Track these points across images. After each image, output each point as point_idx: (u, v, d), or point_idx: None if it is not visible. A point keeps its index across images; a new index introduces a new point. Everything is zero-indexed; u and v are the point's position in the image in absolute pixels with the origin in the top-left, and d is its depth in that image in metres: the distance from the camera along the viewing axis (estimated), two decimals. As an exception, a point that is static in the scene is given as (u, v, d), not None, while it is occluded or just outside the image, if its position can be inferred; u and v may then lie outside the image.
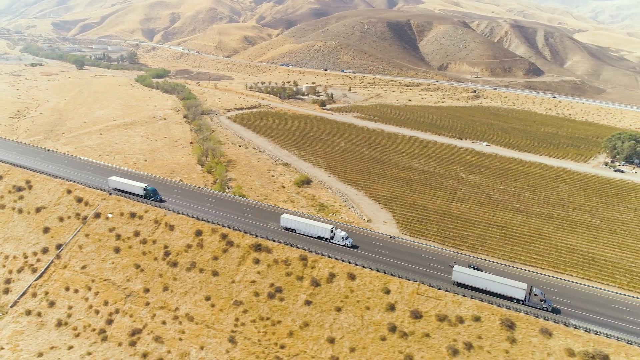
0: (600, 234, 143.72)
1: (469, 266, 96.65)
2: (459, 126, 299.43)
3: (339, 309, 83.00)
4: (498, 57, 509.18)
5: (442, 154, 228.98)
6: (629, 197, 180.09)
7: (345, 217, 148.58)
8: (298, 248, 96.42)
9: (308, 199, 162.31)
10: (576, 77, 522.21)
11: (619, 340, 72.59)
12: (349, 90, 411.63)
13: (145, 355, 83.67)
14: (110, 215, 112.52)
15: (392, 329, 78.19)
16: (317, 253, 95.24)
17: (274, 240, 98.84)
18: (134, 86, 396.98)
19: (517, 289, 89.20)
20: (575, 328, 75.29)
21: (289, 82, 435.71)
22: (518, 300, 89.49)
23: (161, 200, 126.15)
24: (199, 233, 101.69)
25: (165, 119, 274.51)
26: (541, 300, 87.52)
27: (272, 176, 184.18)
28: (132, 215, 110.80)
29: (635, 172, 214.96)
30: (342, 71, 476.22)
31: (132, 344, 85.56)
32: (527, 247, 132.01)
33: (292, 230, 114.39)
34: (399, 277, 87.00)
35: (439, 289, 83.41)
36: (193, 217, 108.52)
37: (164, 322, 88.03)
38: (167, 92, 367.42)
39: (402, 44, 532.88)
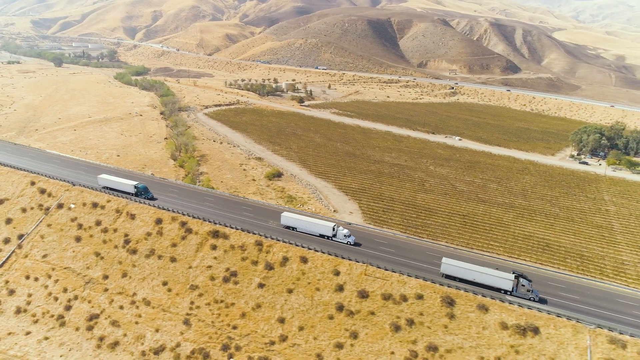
0: (557, 222, 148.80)
1: (513, 273, 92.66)
2: (434, 121, 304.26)
3: (290, 291, 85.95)
4: (476, 54, 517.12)
5: (415, 148, 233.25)
6: (589, 188, 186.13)
7: (313, 208, 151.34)
8: (254, 234, 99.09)
9: (277, 191, 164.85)
10: (553, 74, 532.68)
11: (549, 314, 76.77)
12: (329, 87, 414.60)
13: (101, 338, 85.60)
14: (72, 206, 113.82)
15: (340, 308, 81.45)
16: (272, 238, 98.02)
17: (231, 227, 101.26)
18: (112, 83, 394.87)
19: (505, 280, 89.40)
20: (510, 304, 79.31)
21: (269, 80, 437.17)
22: (505, 291, 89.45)
23: (152, 198, 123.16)
24: (159, 221, 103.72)
25: (141, 115, 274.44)
26: (528, 291, 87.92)
27: (244, 170, 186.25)
28: (95, 205, 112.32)
29: (599, 164, 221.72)
30: (317, 68, 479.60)
31: (90, 328, 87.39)
32: (486, 235, 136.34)
33: (293, 228, 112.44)
34: (349, 260, 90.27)
35: (386, 269, 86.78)
36: (154, 206, 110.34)
37: (121, 307, 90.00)
38: (145, 89, 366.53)
39: (382, 42, 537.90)
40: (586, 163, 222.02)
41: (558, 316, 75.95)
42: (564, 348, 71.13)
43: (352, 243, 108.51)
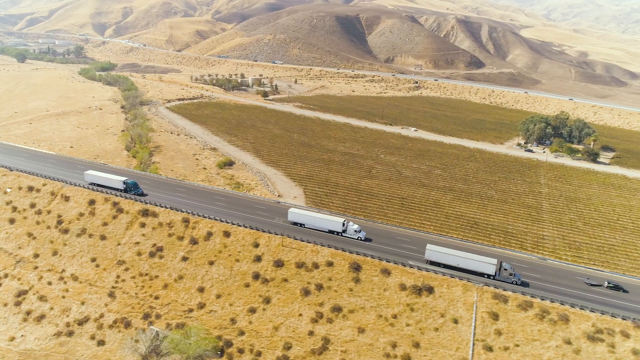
0: (490, 203, 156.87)
1: (608, 283, 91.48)
2: (393, 114, 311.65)
3: (212, 263, 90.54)
4: (442, 50, 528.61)
5: (370, 138, 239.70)
6: (529, 173, 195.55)
7: (258, 193, 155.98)
8: (182, 212, 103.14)
9: (226, 179, 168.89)
10: (516, 70, 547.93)
11: (444, 275, 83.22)
12: (295, 82, 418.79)
13: (29, 312, 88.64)
14: (8, 190, 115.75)
15: (256, 276, 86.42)
16: (198, 215, 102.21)
17: (161, 206, 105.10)
18: (75, 79, 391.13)
19: (488, 265, 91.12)
20: (410, 267, 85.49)
21: (236, 75, 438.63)
22: (489, 276, 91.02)
23: (142, 194, 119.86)
24: (92, 202, 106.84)
25: (101, 109, 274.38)
26: (510, 275, 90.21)
27: (197, 159, 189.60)
28: (30, 188, 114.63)
29: (544, 152, 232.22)
30: (274, 62, 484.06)
31: (17, 303, 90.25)
32: (420, 215, 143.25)
33: (301, 225, 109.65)
34: (268, 233, 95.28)
35: (302, 240, 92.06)
36: (87, 188, 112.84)
37: (49, 283, 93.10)
38: (109, 84, 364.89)
39: (350, 38, 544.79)
40: (531, 151, 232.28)
41: (451, 277, 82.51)
42: (453, 304, 77.63)
43: (362, 238, 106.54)
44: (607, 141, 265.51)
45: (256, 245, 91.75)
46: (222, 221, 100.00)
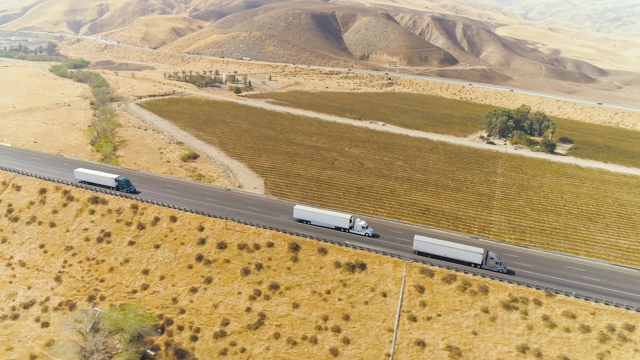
0: (445, 192, 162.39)
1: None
2: (364, 109, 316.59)
3: (157, 246, 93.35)
4: (416, 47, 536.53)
5: (337, 132, 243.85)
6: (487, 163, 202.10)
7: (219, 184, 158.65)
8: (132, 199, 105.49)
9: (189, 171, 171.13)
10: (489, 66, 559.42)
11: (377, 253, 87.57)
12: (269, 78, 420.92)
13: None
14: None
15: (199, 258, 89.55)
16: (147, 202, 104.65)
17: (110, 194, 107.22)
18: (46, 76, 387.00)
19: (475, 254, 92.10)
20: (346, 246, 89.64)
21: (211, 72, 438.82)
22: (476, 265, 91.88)
23: (135, 192, 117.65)
24: (43, 191, 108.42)
25: (69, 105, 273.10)
26: (497, 263, 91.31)
27: (161, 153, 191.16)
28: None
29: (505, 144, 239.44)
30: (241, 58, 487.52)
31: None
32: (375, 202, 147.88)
33: (307, 222, 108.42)
34: (213, 217, 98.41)
35: (245, 223, 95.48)
36: (39, 177, 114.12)
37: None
38: (80, 81, 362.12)
39: (325, 35, 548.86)
40: (492, 143, 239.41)
41: (384, 254, 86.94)
42: (384, 279, 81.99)
43: (370, 234, 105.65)
44: (567, 133, 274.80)
45: (201, 229, 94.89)
46: (169, 207, 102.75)
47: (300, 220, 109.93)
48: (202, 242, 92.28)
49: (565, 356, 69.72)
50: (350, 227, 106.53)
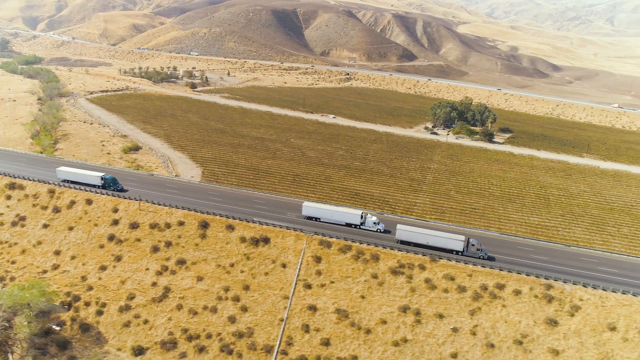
0: (379, 178, 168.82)
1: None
2: (318, 103, 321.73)
3: (71, 228, 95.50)
4: (375, 43, 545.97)
5: (286, 125, 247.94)
6: (426, 152, 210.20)
7: (156, 173, 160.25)
8: (50, 184, 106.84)
9: (128, 162, 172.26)
10: (447, 62, 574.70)
11: (280, 227, 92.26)
12: (228, 74, 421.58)
13: None
14: None
15: (111, 238, 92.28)
16: (64, 186, 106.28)
17: (28, 179, 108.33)
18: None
19: (457, 242, 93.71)
20: (253, 222, 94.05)
21: (169, 68, 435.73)
22: (457, 252, 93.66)
23: (122, 190, 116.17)
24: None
25: (15, 100, 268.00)
26: (478, 250, 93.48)
27: (103, 145, 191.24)
28: None
29: (448, 134, 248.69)
30: (189, 53, 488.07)
31: None
32: (307, 188, 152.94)
33: (317, 219, 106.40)
34: (128, 199, 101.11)
35: (159, 204, 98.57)
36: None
37: None
38: (31, 77, 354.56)
39: (286, 31, 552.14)
40: (436, 133, 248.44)
41: (287, 229, 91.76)
42: (285, 252, 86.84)
43: (382, 230, 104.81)
44: (510, 124, 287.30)
45: (115, 211, 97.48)
46: (85, 191, 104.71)
47: (309, 218, 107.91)
48: (116, 222, 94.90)
49: (441, 313, 76.12)
50: (362, 224, 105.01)
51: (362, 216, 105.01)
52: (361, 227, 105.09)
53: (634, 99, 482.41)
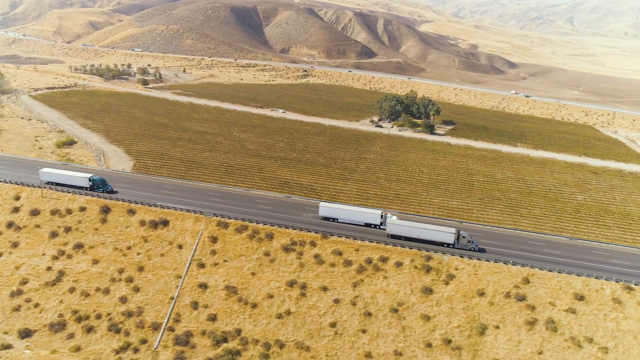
0: (312, 168, 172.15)
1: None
2: (271, 99, 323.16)
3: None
4: (335, 40, 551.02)
5: (233, 119, 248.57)
6: (366, 143, 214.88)
7: (88, 166, 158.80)
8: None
9: (60, 156, 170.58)
10: (406, 59, 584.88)
11: (181, 211, 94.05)
12: (184, 71, 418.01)
13: None
14: None
15: (10, 225, 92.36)
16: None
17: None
18: None
19: (448, 234, 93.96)
20: (154, 206, 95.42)
21: (123, 65, 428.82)
22: (448, 244, 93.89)
23: (112, 191, 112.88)
24: None
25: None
26: (469, 242, 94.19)
27: (37, 140, 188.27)
28: None
29: (392, 127, 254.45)
30: (133, 50, 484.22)
31: None
32: (237, 178, 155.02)
33: (334, 219, 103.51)
34: (32, 187, 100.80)
35: (62, 192, 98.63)
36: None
37: None
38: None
39: (245, 29, 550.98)
40: (380, 126, 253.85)
41: (187, 212, 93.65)
42: (183, 233, 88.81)
43: None
44: (455, 117, 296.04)
45: (17, 199, 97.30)
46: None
47: (327, 218, 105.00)
48: (16, 210, 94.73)
49: (325, 286, 79.57)
50: (381, 224, 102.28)
51: (382, 216, 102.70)
52: (381, 227, 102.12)
53: (581, 93, 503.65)
